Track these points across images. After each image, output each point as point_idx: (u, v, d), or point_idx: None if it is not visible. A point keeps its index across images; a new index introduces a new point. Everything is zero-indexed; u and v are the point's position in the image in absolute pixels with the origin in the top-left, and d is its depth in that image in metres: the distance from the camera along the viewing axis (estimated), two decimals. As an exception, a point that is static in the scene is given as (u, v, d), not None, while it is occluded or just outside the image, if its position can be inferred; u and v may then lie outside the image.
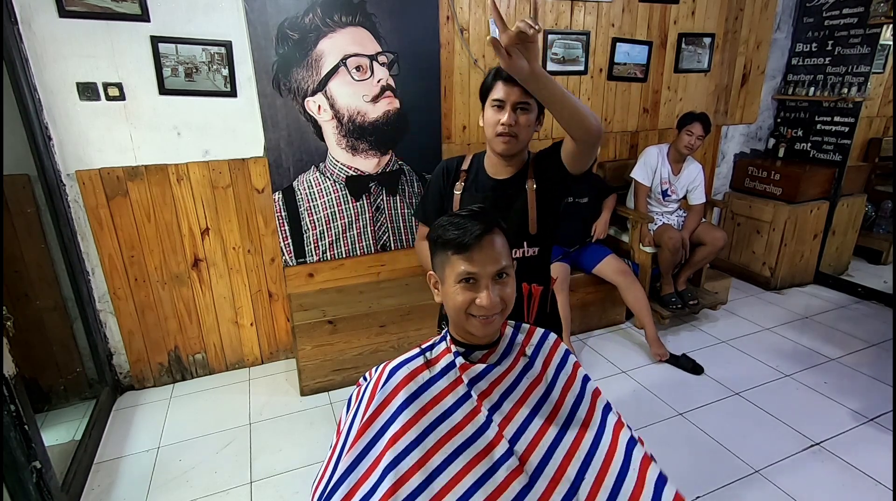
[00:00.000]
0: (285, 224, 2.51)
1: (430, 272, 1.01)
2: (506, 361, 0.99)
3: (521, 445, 0.89)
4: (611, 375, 2.51)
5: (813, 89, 3.37)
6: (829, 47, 3.28)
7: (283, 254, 2.56)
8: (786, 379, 2.44)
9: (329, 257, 2.65)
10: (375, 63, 2.42)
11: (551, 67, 2.85)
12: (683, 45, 3.17)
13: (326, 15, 2.27)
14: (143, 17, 2.04)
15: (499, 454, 0.87)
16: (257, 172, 2.41)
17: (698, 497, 1.75)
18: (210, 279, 2.46)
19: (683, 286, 2.97)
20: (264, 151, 2.39)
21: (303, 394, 2.39)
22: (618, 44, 2.97)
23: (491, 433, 0.89)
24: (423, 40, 2.49)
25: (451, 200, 1.42)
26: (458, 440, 0.87)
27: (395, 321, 2.45)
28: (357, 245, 2.68)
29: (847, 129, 3.25)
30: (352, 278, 2.72)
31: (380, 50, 2.41)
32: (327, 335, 2.35)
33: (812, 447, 1.99)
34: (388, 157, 2.59)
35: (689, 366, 2.52)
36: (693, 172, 2.88)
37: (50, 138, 2.04)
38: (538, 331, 1.07)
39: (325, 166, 2.50)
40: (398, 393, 0.92)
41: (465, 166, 1.43)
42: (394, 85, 2.48)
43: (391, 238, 2.74)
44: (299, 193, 2.49)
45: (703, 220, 3.00)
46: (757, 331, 2.91)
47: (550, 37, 2.80)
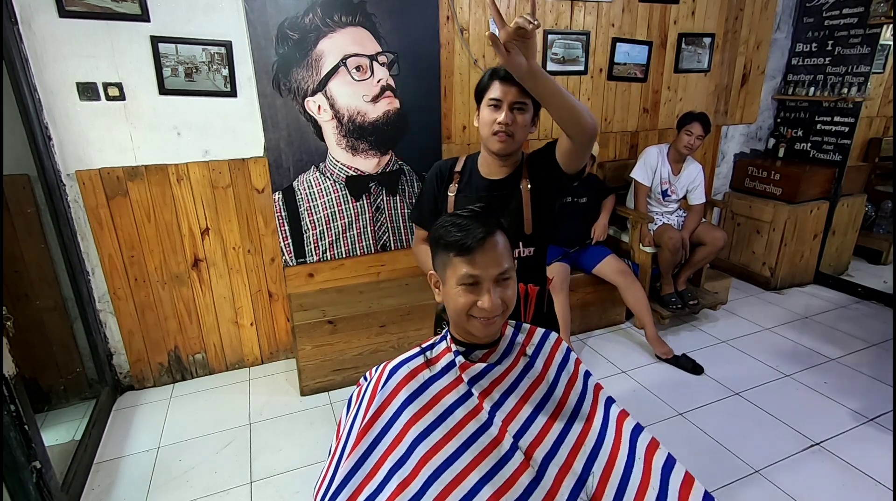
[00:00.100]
0: (285, 224, 2.51)
1: (431, 272, 1.01)
2: (506, 360, 0.99)
3: (525, 441, 0.89)
4: (611, 375, 2.51)
5: (813, 89, 3.37)
6: (829, 47, 3.28)
7: (283, 254, 2.56)
8: (786, 379, 2.44)
9: (329, 257, 2.65)
10: (375, 63, 2.42)
11: (551, 66, 2.85)
12: (683, 45, 3.17)
13: (326, 15, 2.27)
14: (143, 17, 2.04)
15: (504, 450, 0.87)
16: (257, 173, 2.41)
17: (698, 497, 1.75)
18: (210, 279, 2.46)
19: (683, 286, 2.97)
20: (264, 151, 2.39)
21: (303, 394, 2.39)
22: (618, 44, 2.97)
23: (494, 430, 0.89)
24: (423, 40, 2.49)
25: (445, 202, 1.41)
26: (461, 437, 0.87)
27: (395, 321, 2.45)
28: (357, 245, 2.68)
29: (847, 129, 3.25)
30: (352, 278, 2.72)
31: (380, 50, 2.41)
32: (327, 335, 2.35)
33: (812, 447, 1.99)
34: (388, 157, 2.60)
35: (689, 366, 2.52)
36: (693, 173, 2.88)
37: (50, 138, 2.04)
38: (539, 331, 1.07)
39: (325, 166, 2.50)
40: (399, 393, 0.92)
41: (458, 168, 1.42)
42: (394, 85, 2.48)
43: (391, 238, 2.74)
44: (299, 193, 2.49)
45: (703, 220, 3.00)
46: (757, 331, 2.91)
47: (550, 37, 2.80)
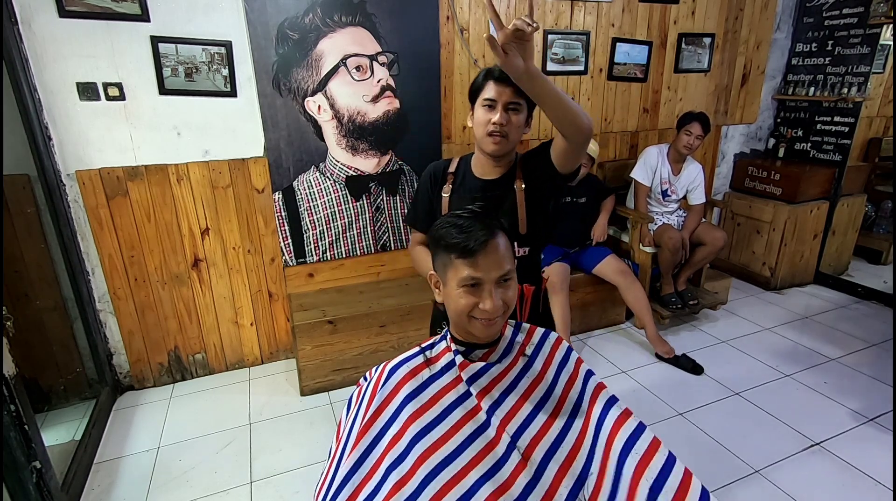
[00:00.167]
0: (285, 224, 2.51)
1: (431, 273, 1.01)
2: (505, 360, 0.99)
3: (523, 440, 0.89)
4: (611, 375, 2.51)
5: (813, 89, 3.37)
6: (829, 47, 3.28)
7: (283, 254, 2.56)
8: (786, 379, 2.43)
9: (329, 257, 2.65)
10: (375, 63, 2.42)
11: (551, 66, 2.85)
12: (683, 45, 3.17)
13: (326, 15, 2.27)
14: (143, 17, 2.04)
15: (500, 451, 0.87)
16: (257, 172, 2.41)
17: (698, 497, 1.75)
18: (210, 279, 2.46)
19: (683, 286, 2.97)
20: (264, 151, 2.39)
21: (303, 394, 2.39)
22: (618, 44, 2.97)
23: (491, 431, 0.89)
24: (423, 40, 2.49)
25: (439, 203, 1.40)
26: (458, 438, 0.87)
27: (395, 321, 2.45)
28: (357, 245, 2.68)
29: (847, 129, 3.25)
30: (352, 278, 2.72)
31: (380, 50, 2.41)
32: (327, 335, 2.35)
33: (812, 447, 1.99)
34: (388, 157, 2.59)
35: (689, 366, 2.52)
36: (693, 172, 2.88)
37: (50, 138, 2.04)
38: (538, 330, 1.06)
39: (325, 166, 2.50)
40: (398, 392, 0.92)
41: (452, 169, 1.42)
42: (394, 85, 2.48)
43: (391, 238, 2.74)
44: (299, 193, 2.49)
45: (703, 220, 2.99)
46: (757, 331, 2.91)
47: (550, 37, 2.80)
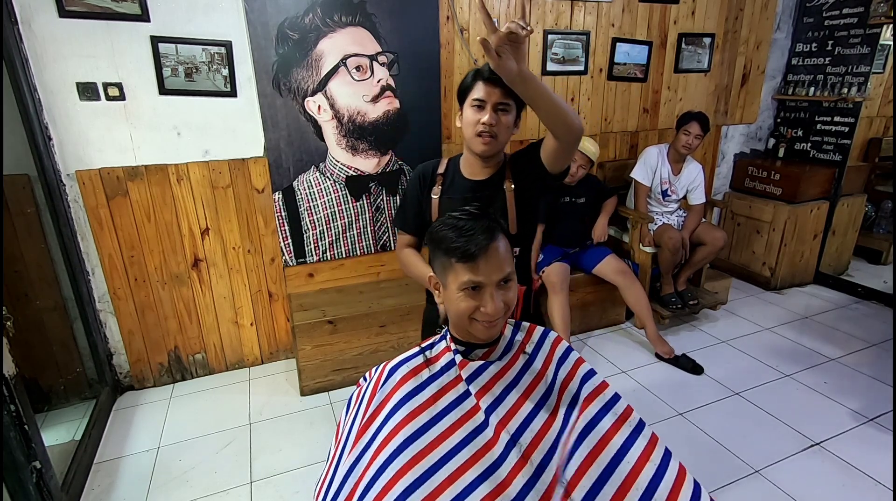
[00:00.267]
0: (285, 224, 2.51)
1: (431, 275, 1.01)
2: (505, 357, 0.99)
3: (524, 440, 0.89)
4: (611, 375, 2.51)
5: (813, 89, 3.37)
6: (829, 47, 3.28)
7: (283, 254, 2.56)
8: (786, 379, 2.43)
9: (329, 257, 2.65)
10: (375, 63, 2.42)
11: (551, 66, 2.85)
12: (683, 45, 3.17)
13: (326, 15, 2.27)
14: (143, 17, 2.04)
15: (498, 451, 0.87)
16: (257, 172, 2.41)
17: (698, 497, 1.75)
18: (210, 279, 2.46)
19: (683, 286, 2.97)
20: (264, 151, 2.39)
21: (303, 394, 2.39)
22: (618, 44, 2.97)
23: (489, 432, 0.89)
24: (423, 40, 2.49)
25: (429, 205, 1.39)
26: (455, 438, 0.87)
27: (395, 321, 2.45)
28: (357, 245, 2.68)
29: (847, 129, 3.25)
30: (352, 278, 2.72)
31: (380, 50, 2.41)
32: (327, 335, 2.35)
33: (812, 447, 1.99)
34: (388, 157, 2.59)
35: (689, 366, 2.52)
36: (693, 172, 2.88)
37: (50, 138, 2.04)
38: (538, 329, 1.07)
39: (325, 166, 2.50)
40: (398, 391, 0.92)
41: (441, 170, 1.41)
42: (394, 85, 2.48)
43: (391, 238, 2.74)
44: (299, 193, 2.49)
45: (703, 220, 2.99)
46: (757, 331, 2.91)
47: (550, 37, 2.80)
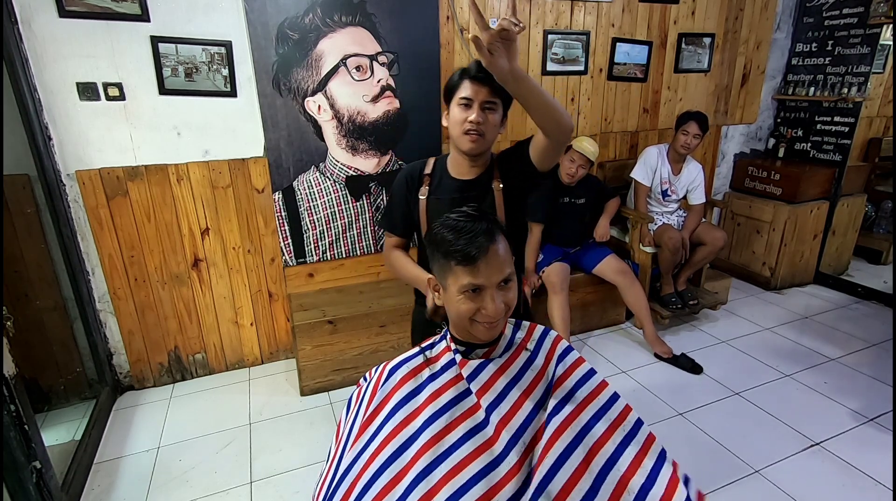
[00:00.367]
0: (285, 224, 2.51)
1: (430, 277, 1.01)
2: (506, 354, 0.99)
3: (526, 437, 0.89)
4: (611, 375, 2.51)
5: (813, 89, 3.37)
6: (829, 47, 3.28)
7: (283, 254, 2.56)
8: (786, 379, 2.43)
9: (329, 257, 2.65)
10: (375, 63, 2.42)
11: (551, 66, 2.85)
12: (683, 45, 3.16)
13: (326, 15, 2.27)
14: (143, 17, 2.04)
15: (498, 450, 0.87)
16: (257, 172, 2.41)
17: (698, 497, 1.76)
18: (210, 279, 2.46)
19: (683, 286, 2.97)
20: (264, 151, 2.39)
21: (303, 394, 2.39)
22: (618, 44, 2.97)
23: (490, 430, 0.89)
24: (423, 40, 2.49)
25: (416, 205, 1.38)
26: (455, 435, 0.88)
27: (395, 321, 2.45)
28: (357, 245, 2.68)
29: (847, 129, 3.25)
30: (352, 278, 2.72)
31: (380, 50, 2.41)
32: (327, 335, 2.35)
33: (812, 447, 1.99)
34: (388, 157, 2.59)
35: (689, 366, 2.52)
36: (693, 172, 2.88)
37: (50, 138, 2.04)
38: (539, 328, 1.07)
39: (325, 166, 2.50)
40: (398, 390, 0.92)
41: (427, 171, 1.39)
42: (394, 85, 2.48)
43: (391, 238, 2.74)
44: (299, 193, 2.49)
45: (703, 220, 2.99)
46: (757, 331, 2.91)
47: (550, 37, 2.80)
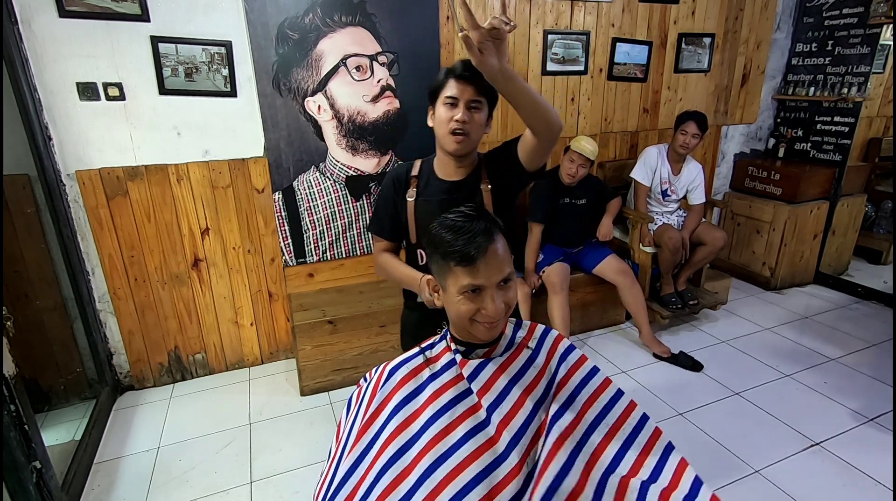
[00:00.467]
0: (285, 224, 2.51)
1: (429, 278, 1.01)
2: (507, 353, 0.99)
3: (527, 437, 0.89)
4: (611, 375, 2.47)
5: (813, 89, 3.37)
6: (829, 47, 3.28)
7: (283, 254, 2.56)
8: (786, 379, 2.43)
9: (329, 257, 2.65)
10: (375, 63, 2.42)
11: (551, 66, 2.85)
12: (683, 45, 3.16)
13: (326, 15, 2.27)
14: (143, 17, 2.04)
15: (500, 449, 0.87)
16: (257, 172, 2.41)
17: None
18: (210, 279, 2.46)
19: (683, 286, 2.97)
20: (264, 151, 2.39)
21: (303, 394, 2.39)
22: (618, 44, 2.97)
23: (491, 429, 0.89)
24: (423, 40, 2.49)
25: (404, 208, 1.37)
26: (457, 433, 0.87)
27: (395, 321, 2.43)
28: (357, 245, 2.68)
29: (847, 129, 3.25)
30: (352, 278, 2.72)
31: (380, 50, 2.41)
32: (327, 335, 2.35)
33: (812, 447, 1.99)
34: (388, 157, 2.59)
35: (689, 364, 2.52)
36: (693, 172, 2.88)
37: (50, 138, 2.04)
38: (539, 327, 1.07)
39: (325, 166, 2.50)
40: (398, 391, 0.92)
41: (414, 172, 1.38)
42: (394, 85, 2.48)
43: (391, 238, 2.74)
44: (299, 193, 2.49)
45: (703, 220, 2.99)
46: (757, 331, 2.91)
47: (550, 37, 2.80)
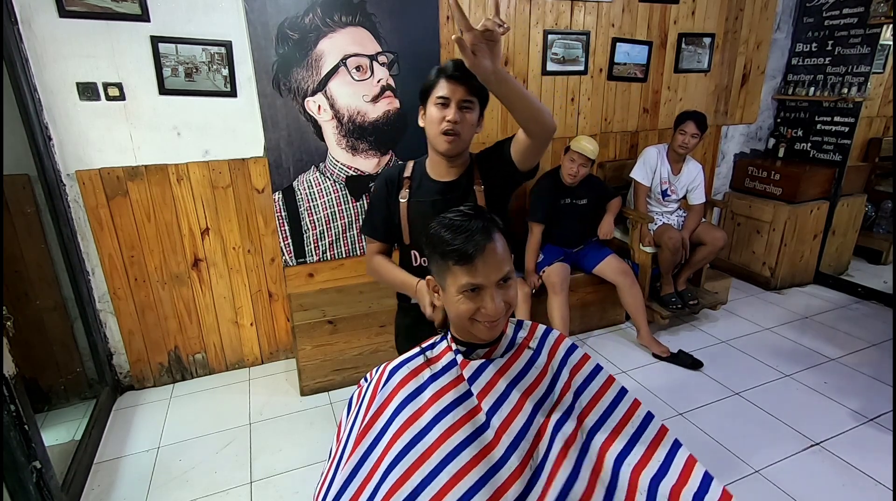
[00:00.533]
0: (285, 224, 2.51)
1: (429, 278, 1.01)
2: (508, 354, 0.98)
3: (527, 440, 0.89)
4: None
5: (813, 89, 3.37)
6: (829, 47, 3.28)
7: (283, 254, 2.56)
8: (786, 379, 2.43)
9: (329, 257, 2.65)
10: (375, 63, 2.42)
11: (551, 66, 2.85)
12: (683, 45, 3.16)
13: (326, 15, 2.27)
14: (143, 17, 2.04)
15: (499, 454, 0.86)
16: (257, 172, 2.41)
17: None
18: (210, 279, 2.46)
19: (683, 286, 2.97)
20: (264, 151, 2.39)
21: (303, 394, 2.39)
22: (618, 44, 2.97)
23: (490, 433, 0.88)
24: (423, 40, 2.49)
25: (397, 209, 1.37)
26: (458, 437, 0.87)
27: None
28: (357, 245, 2.68)
29: (847, 129, 3.25)
30: (352, 278, 2.72)
31: (380, 50, 2.41)
32: (327, 335, 2.35)
33: (812, 447, 1.99)
34: (388, 157, 2.59)
35: (689, 362, 2.52)
36: (693, 172, 2.88)
37: (50, 138, 2.04)
38: (540, 327, 1.07)
39: (325, 166, 2.50)
40: (398, 393, 0.92)
41: (407, 173, 1.38)
42: (394, 85, 2.48)
43: (391, 238, 2.74)
44: (299, 193, 2.49)
45: (703, 220, 2.99)
46: (757, 331, 2.91)
47: (550, 37, 2.80)
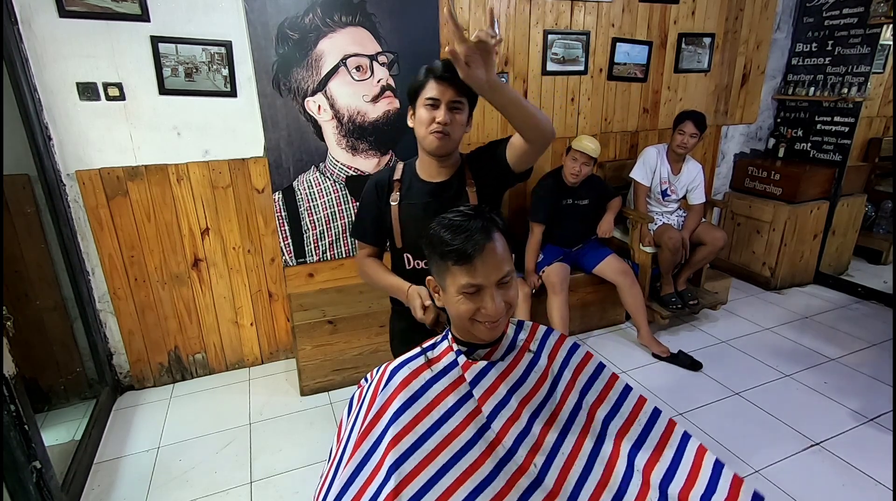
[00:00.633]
0: (285, 224, 2.51)
1: (429, 278, 1.01)
2: (509, 357, 0.98)
3: (527, 443, 0.89)
4: (611, 375, 2.51)
5: (813, 89, 3.37)
6: (829, 47, 3.28)
7: (283, 254, 2.56)
8: (786, 379, 2.43)
9: (329, 257, 2.65)
10: (375, 63, 2.42)
11: (551, 66, 2.85)
12: (683, 45, 3.16)
13: (326, 15, 2.27)
14: (143, 17, 2.04)
15: (500, 455, 0.86)
16: (257, 172, 2.41)
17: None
18: (210, 279, 2.46)
19: (683, 286, 2.97)
20: (264, 151, 2.39)
21: (303, 394, 2.39)
22: (618, 44, 2.97)
23: (491, 435, 0.88)
24: (423, 40, 2.49)
25: (388, 212, 1.37)
26: (461, 440, 0.87)
27: (395, 321, 2.44)
28: (357, 245, 2.67)
29: (847, 129, 3.25)
30: (352, 278, 2.71)
31: (380, 50, 2.41)
32: (327, 335, 2.35)
33: (812, 447, 1.99)
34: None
35: (688, 362, 2.52)
36: (693, 172, 2.88)
37: (50, 138, 2.04)
38: (541, 328, 1.07)
39: (325, 166, 2.50)
40: (399, 394, 0.92)
41: (397, 176, 1.38)
42: (394, 85, 2.48)
43: (391, 238, 2.74)
44: (299, 193, 2.49)
45: (703, 220, 2.99)
46: (757, 331, 2.91)
47: (550, 37, 2.80)
